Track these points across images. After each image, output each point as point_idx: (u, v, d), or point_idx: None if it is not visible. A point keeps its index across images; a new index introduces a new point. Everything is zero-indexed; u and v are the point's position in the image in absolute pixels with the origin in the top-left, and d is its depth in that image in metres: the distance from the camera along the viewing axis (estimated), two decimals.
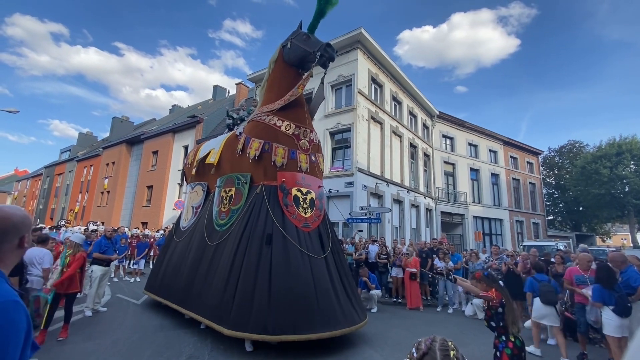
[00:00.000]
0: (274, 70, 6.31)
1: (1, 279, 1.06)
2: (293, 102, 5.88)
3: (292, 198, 5.54)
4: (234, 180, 6.06)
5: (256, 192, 5.63)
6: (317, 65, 5.68)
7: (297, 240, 5.17)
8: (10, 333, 0.96)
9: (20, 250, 1.16)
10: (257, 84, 19.47)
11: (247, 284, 4.73)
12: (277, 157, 5.62)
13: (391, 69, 16.86)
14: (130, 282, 10.08)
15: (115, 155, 28.79)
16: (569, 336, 5.74)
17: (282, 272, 4.81)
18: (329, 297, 4.93)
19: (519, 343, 3.05)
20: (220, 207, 6.09)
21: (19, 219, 1.14)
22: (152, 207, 23.89)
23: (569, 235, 26.40)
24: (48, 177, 40.61)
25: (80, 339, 4.92)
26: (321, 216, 5.88)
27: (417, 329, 6.41)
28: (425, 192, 19.15)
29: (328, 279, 5.14)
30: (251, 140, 5.83)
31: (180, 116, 30.04)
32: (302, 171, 5.79)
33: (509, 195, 24.33)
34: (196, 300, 5.36)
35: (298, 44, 5.89)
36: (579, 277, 5.21)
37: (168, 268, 6.64)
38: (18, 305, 1.01)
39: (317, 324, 4.58)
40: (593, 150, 30.65)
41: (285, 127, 5.79)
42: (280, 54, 6.22)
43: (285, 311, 4.54)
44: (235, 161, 6.17)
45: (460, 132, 22.86)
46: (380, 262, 9.14)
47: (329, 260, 5.45)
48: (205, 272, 5.48)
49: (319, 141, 6.41)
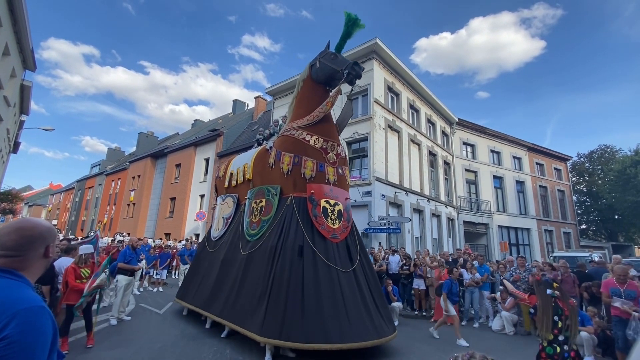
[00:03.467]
0: (303, 88, 6.59)
1: (27, 286, 1.10)
2: (321, 118, 6.09)
3: (321, 209, 5.67)
4: (265, 192, 6.26)
5: (286, 204, 5.79)
6: (344, 82, 5.89)
7: (325, 254, 5.26)
8: (37, 338, 0.98)
9: (46, 260, 1.21)
10: (276, 97, 19.91)
11: (280, 294, 4.81)
12: (307, 170, 5.81)
13: (407, 78, 16.79)
14: (153, 291, 10.32)
15: (140, 169, 30.03)
16: (606, 354, 5.35)
17: (312, 284, 4.90)
18: (358, 309, 4.97)
19: (550, 350, 2.91)
20: (252, 218, 6.27)
21: (44, 228, 1.20)
22: (174, 218, 24.58)
23: (604, 246, 24.80)
24: (79, 190, 42.83)
25: (105, 347, 5.06)
26: (349, 227, 5.95)
27: (442, 344, 6.14)
28: (446, 201, 18.65)
29: (357, 292, 5.19)
30: (282, 155, 6.04)
31: (201, 130, 31.07)
32: (329, 183, 5.97)
33: (536, 204, 23.24)
34: (228, 308, 5.49)
35: (326, 62, 6.13)
36: (615, 289, 4.87)
37: (200, 277, 6.88)
38: (44, 311, 1.04)
39: (348, 335, 4.59)
40: (630, 154, 28.87)
41: (314, 141, 5.99)
42: (309, 72, 6.48)
43: (317, 321, 4.59)
44: (265, 174, 6.42)
45: (482, 138, 22.26)
46: (403, 273, 8.90)
47: (358, 273, 5.49)
48: (238, 280, 5.62)
49: (345, 154, 6.58)
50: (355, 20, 6.00)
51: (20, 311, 0.98)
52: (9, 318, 0.96)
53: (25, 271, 1.13)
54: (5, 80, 11.23)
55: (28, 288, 1.09)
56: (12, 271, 1.10)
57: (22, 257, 1.13)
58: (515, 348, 5.88)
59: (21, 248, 1.13)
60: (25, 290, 1.07)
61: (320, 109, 6.05)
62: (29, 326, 0.98)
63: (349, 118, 6.73)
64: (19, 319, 0.97)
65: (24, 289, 1.08)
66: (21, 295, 1.04)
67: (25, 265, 1.13)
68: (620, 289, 4.80)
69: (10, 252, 1.11)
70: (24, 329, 0.96)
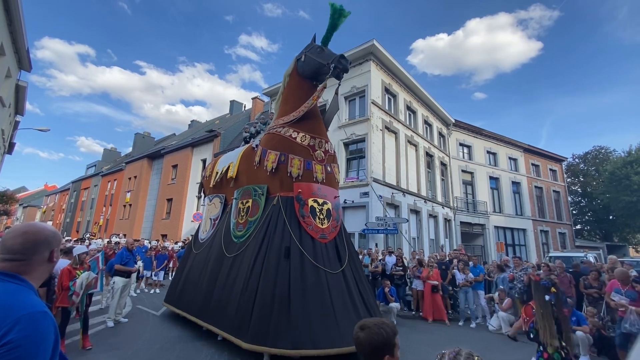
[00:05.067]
0: (289, 83, 6.40)
1: (30, 291, 1.11)
2: (308, 114, 5.92)
3: (309, 209, 5.51)
4: (251, 192, 6.10)
5: (273, 204, 5.63)
6: (331, 76, 5.71)
7: (313, 255, 5.10)
8: (40, 343, 0.99)
9: (50, 265, 1.22)
10: (273, 98, 19.89)
11: (266, 298, 4.69)
12: (293, 169, 5.63)
13: (404, 79, 16.87)
14: (150, 293, 10.26)
15: (137, 170, 29.87)
16: (601, 353, 5.42)
17: (300, 287, 4.76)
18: (347, 312, 4.83)
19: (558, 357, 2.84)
20: (238, 219, 6.13)
21: (50, 232, 1.22)
22: (171, 219, 24.47)
23: (599, 246, 24.99)
24: (75, 191, 42.50)
25: (102, 349, 5.03)
26: (338, 227, 5.81)
27: (439, 344, 6.17)
28: (443, 201, 18.75)
29: (347, 294, 5.05)
30: (268, 153, 5.89)
31: (198, 131, 30.98)
32: (318, 182, 5.79)
33: (532, 204, 23.42)
34: (214, 312, 5.35)
35: (312, 56, 5.94)
36: (618, 290, 4.97)
37: (187, 280, 6.69)
38: (47, 316, 1.05)
39: (337, 339, 4.47)
40: (622, 155, 29.16)
41: (301, 138, 5.82)
42: (295, 67, 6.30)
43: (305, 326, 4.47)
44: (252, 173, 6.25)
45: (478, 140, 22.39)
46: (396, 274, 8.93)
47: (347, 274, 5.34)
48: (223, 284, 5.47)
49: (334, 152, 6.39)
50: (340, 10, 5.72)
51: (23, 316, 0.99)
52: (12, 323, 0.97)
53: (28, 275, 1.14)
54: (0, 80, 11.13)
55: (31, 293, 1.10)
56: (16, 275, 1.10)
57: (27, 261, 1.14)
58: (512, 348, 5.91)
59: (26, 252, 1.14)
60: (28, 295, 1.08)
61: (306, 104, 5.85)
62: (32, 331, 0.98)
63: (335, 112, 6.50)
64: (22, 324, 0.97)
65: (27, 293, 1.09)
66: (24, 300, 1.05)
67: (29, 269, 1.14)
68: (622, 290, 4.92)
69: (16, 255, 1.12)
70: (27, 334, 0.97)
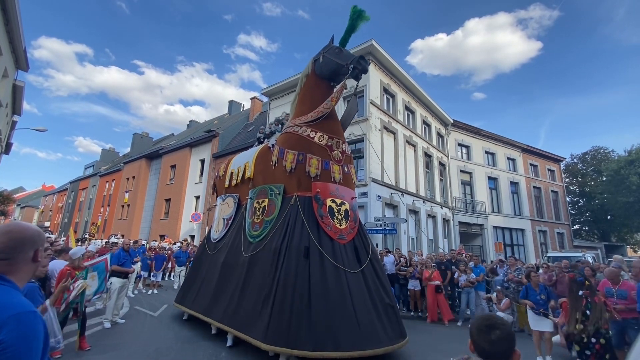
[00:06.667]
0: (306, 83, 6.37)
1: (16, 291, 1.09)
2: (325, 114, 5.88)
3: (327, 209, 5.42)
4: (267, 192, 6.01)
5: (290, 204, 5.54)
6: (349, 77, 5.71)
7: (332, 255, 5.00)
8: (31, 344, 0.98)
9: (34, 265, 1.20)
10: (272, 98, 19.88)
11: (285, 298, 4.58)
12: (311, 168, 5.56)
13: (403, 79, 16.88)
14: (148, 294, 10.23)
15: (135, 170, 29.80)
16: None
17: (320, 287, 4.65)
18: (368, 313, 4.73)
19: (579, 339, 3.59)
20: (254, 219, 6.01)
21: (34, 232, 1.20)
22: (169, 219, 24.41)
23: (597, 246, 25.08)
24: (73, 191, 42.38)
25: (99, 350, 4.99)
26: (356, 228, 5.70)
27: (439, 345, 6.16)
28: (441, 202, 18.76)
29: (367, 295, 4.93)
30: (285, 152, 5.81)
31: (197, 131, 30.93)
32: (335, 182, 5.72)
33: (530, 205, 23.47)
34: (230, 313, 5.24)
35: (330, 57, 5.91)
36: (609, 289, 5.00)
37: (200, 281, 6.62)
38: (36, 316, 1.04)
39: (358, 341, 4.36)
40: (623, 155, 29.21)
41: (319, 138, 5.76)
42: (313, 67, 6.27)
43: (326, 327, 4.37)
44: (268, 173, 6.19)
45: (477, 140, 22.44)
46: (401, 274, 8.90)
47: (367, 274, 5.21)
48: (241, 284, 5.36)
49: (350, 152, 6.34)
50: (360, 12, 5.78)
51: (12, 317, 0.98)
52: (1, 324, 0.95)
53: (13, 275, 1.12)
54: None
55: (17, 293, 1.09)
56: (1, 275, 1.09)
57: (11, 261, 1.12)
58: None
59: (10, 251, 1.12)
60: (15, 296, 1.07)
61: (325, 105, 5.82)
62: (22, 332, 0.97)
63: (354, 114, 6.47)
64: (11, 325, 0.96)
65: (13, 293, 1.07)
66: (12, 300, 1.04)
67: (13, 269, 1.13)
68: (613, 289, 4.95)
69: (0, 255, 1.11)
70: (18, 334, 0.96)
